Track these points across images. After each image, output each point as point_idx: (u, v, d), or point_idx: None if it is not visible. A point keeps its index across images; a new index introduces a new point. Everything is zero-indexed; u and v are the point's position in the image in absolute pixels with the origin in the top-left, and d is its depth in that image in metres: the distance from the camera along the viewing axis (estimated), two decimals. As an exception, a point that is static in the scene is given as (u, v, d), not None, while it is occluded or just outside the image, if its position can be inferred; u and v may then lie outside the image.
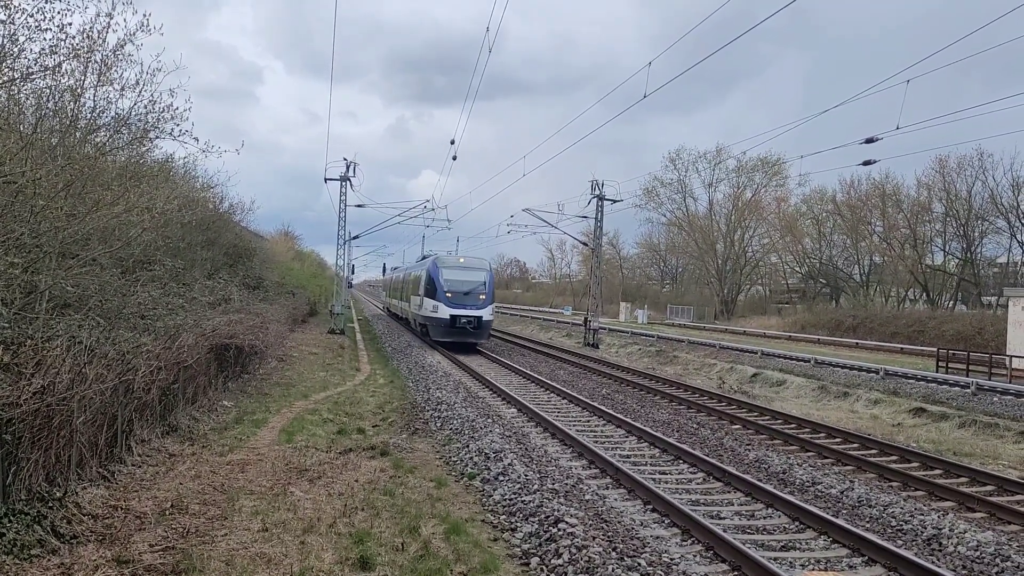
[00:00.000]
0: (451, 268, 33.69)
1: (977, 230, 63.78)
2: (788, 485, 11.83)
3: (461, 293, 32.56)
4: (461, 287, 32.79)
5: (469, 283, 33.14)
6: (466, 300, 32.52)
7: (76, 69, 10.52)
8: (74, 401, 8.00)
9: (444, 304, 32.20)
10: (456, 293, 32.50)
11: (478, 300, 32.82)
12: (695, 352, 36.80)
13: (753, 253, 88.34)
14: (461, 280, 33.09)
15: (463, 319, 32.01)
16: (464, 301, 32.46)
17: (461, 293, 32.56)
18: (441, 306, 32.25)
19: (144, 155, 14.87)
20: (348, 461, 11.39)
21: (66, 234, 9.66)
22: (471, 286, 33.07)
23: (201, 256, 19.96)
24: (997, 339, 39.08)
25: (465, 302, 32.45)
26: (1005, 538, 9.32)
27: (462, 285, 32.89)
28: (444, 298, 32.32)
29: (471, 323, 32.17)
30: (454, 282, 32.85)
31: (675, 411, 19.13)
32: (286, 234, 67.78)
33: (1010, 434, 17.67)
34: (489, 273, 34.71)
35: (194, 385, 13.67)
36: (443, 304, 32.22)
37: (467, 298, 32.57)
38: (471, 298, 32.69)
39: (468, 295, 32.67)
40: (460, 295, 32.47)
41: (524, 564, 7.66)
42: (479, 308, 32.61)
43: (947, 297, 67.28)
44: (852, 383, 25.33)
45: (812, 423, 17.56)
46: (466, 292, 32.67)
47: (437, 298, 32.53)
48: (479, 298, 32.88)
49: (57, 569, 6.54)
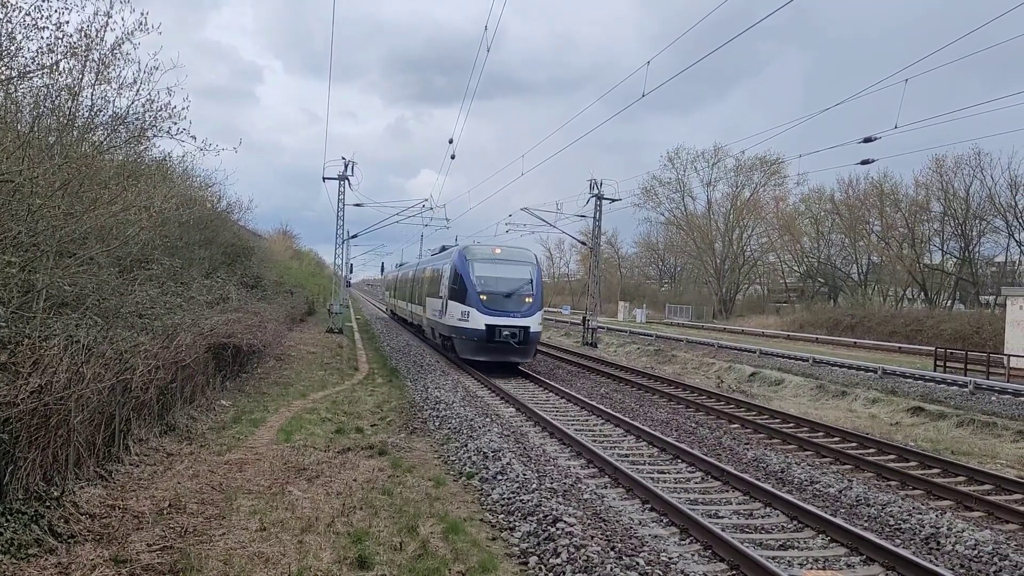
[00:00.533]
0: (485, 261, 25.68)
1: (975, 229, 63.85)
2: (786, 484, 11.83)
3: (500, 295, 24.73)
4: (500, 286, 24.97)
5: (511, 281, 25.29)
6: (507, 304, 24.61)
7: (74, 67, 10.54)
8: (71, 400, 7.97)
9: (477, 310, 24.24)
10: (493, 295, 24.66)
11: (523, 304, 24.84)
12: (693, 351, 36.81)
13: (751, 252, 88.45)
14: (500, 277, 25.28)
15: (504, 330, 23.87)
16: (504, 306, 24.51)
17: (500, 295, 24.73)
18: (473, 312, 24.34)
19: (142, 154, 14.90)
20: (346, 460, 11.37)
21: (63, 233, 9.64)
22: (513, 285, 25.17)
23: (199, 255, 19.93)
24: (995, 338, 39.13)
25: (506, 307, 24.49)
26: (1003, 537, 9.33)
27: (501, 284, 25.10)
28: (477, 301, 24.43)
29: (515, 336, 23.92)
30: (490, 280, 25.04)
31: (673, 410, 19.13)
32: (284, 233, 67.94)
33: (1008, 433, 17.68)
34: (536, 268, 26.40)
35: (192, 384, 13.65)
36: (476, 310, 24.27)
37: (508, 302, 24.71)
38: (514, 302, 24.78)
39: (510, 298, 24.77)
40: (499, 297, 24.67)
41: (523, 563, 7.65)
42: (525, 315, 24.50)
43: (945, 296, 67.34)
44: (850, 382, 25.34)
45: (810, 422, 17.58)
46: (507, 294, 24.80)
47: (467, 301, 24.67)
48: (524, 301, 24.92)
49: (54, 568, 6.52)
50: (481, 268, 25.23)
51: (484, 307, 24.22)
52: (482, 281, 24.84)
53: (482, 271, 25.15)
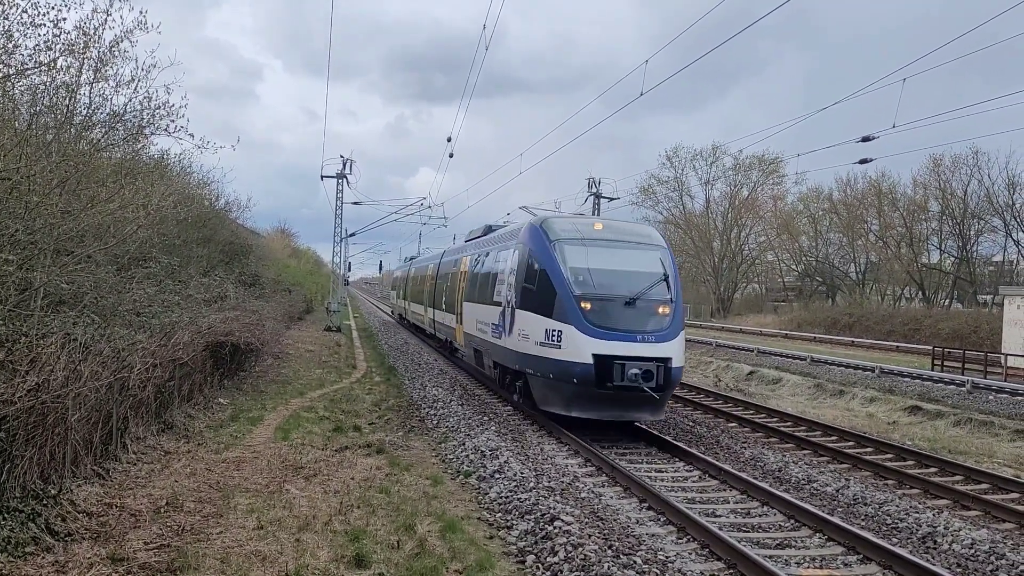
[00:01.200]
0: (584, 243, 14.80)
1: (973, 228, 63.83)
2: (784, 483, 11.84)
3: (617, 302, 13.98)
4: (615, 286, 14.28)
5: (632, 278, 14.45)
6: (630, 319, 13.82)
7: (72, 65, 10.53)
8: (69, 398, 7.97)
9: (578, 328, 13.65)
10: (605, 302, 13.96)
11: (656, 318, 14.04)
12: (691, 350, 36.77)
13: (749, 251, 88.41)
14: (614, 270, 14.62)
15: (631, 366, 13.27)
16: (626, 322, 13.82)
17: (617, 302, 13.98)
18: (571, 333, 13.68)
19: (139, 151, 14.89)
20: (344, 459, 11.37)
21: (61, 231, 9.64)
22: (638, 284, 14.28)
23: (197, 253, 19.92)
24: (992, 337, 39.19)
25: (629, 324, 13.81)
26: (1000, 536, 9.34)
27: (617, 283, 14.39)
28: (576, 313, 13.76)
29: (648, 375, 13.27)
30: (598, 275, 14.30)
31: (670, 408, 19.14)
32: (282, 231, 67.99)
33: (1005, 432, 17.72)
34: (669, 254, 15.35)
35: (190, 382, 13.64)
36: (575, 328, 13.67)
37: (632, 315, 13.87)
38: (641, 314, 13.94)
39: (634, 307, 13.97)
40: (615, 307, 13.94)
41: (520, 562, 7.66)
42: (663, 337, 13.78)
43: (943, 295, 67.39)
44: (848, 381, 25.38)
45: (808, 421, 17.60)
46: (629, 300, 13.99)
47: (557, 313, 14.01)
48: (658, 314, 14.10)
49: (51, 567, 6.52)
50: (578, 254, 14.52)
51: (589, 324, 13.64)
52: (583, 277, 14.19)
53: (581, 259, 14.44)
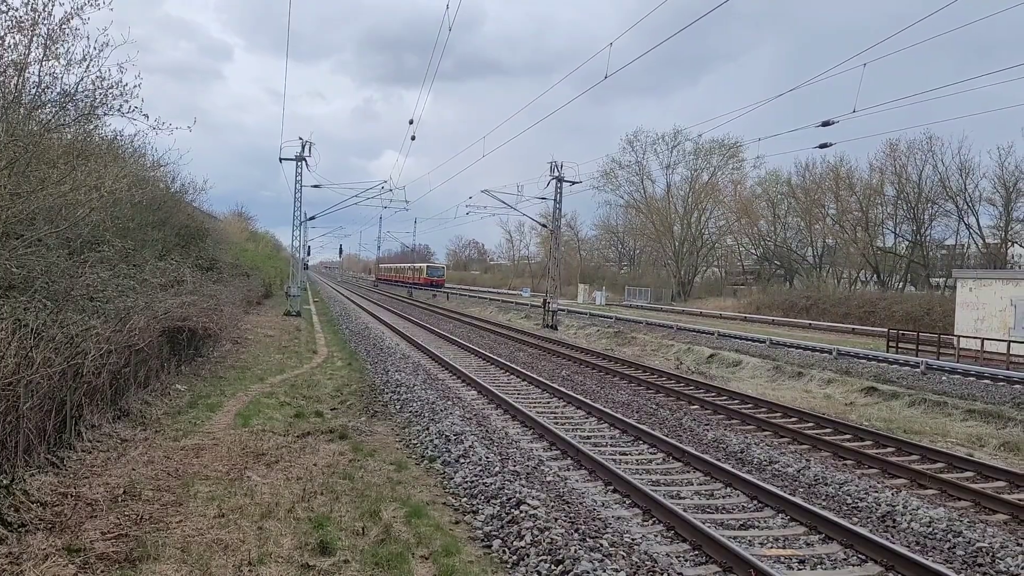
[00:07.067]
0: None
1: (927, 213, 65.25)
2: (746, 464, 11.97)
3: None
4: None
5: None
6: None
7: (20, 43, 10.17)
8: (20, 386, 7.73)
9: None
10: None
11: None
12: (653, 333, 37.10)
13: (709, 235, 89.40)
14: None
15: None
16: None
17: None
18: None
19: (92, 132, 14.47)
20: (306, 445, 11.23)
21: (10, 214, 9.34)
22: None
23: (152, 237, 19.48)
24: (945, 319, 40.08)
25: None
26: (956, 514, 9.53)
27: None
28: None
29: None
30: None
31: (634, 392, 19.26)
32: (239, 215, 67.03)
33: (958, 412, 18.11)
34: None
35: (146, 369, 13.36)
36: None
37: None
38: None
39: None
40: None
41: (486, 546, 7.62)
42: None
43: (897, 279, 68.82)
44: (806, 363, 25.77)
45: (768, 403, 17.81)
46: None
47: None
48: None
49: (5, 559, 6.32)
50: None
51: None
52: None
53: None
